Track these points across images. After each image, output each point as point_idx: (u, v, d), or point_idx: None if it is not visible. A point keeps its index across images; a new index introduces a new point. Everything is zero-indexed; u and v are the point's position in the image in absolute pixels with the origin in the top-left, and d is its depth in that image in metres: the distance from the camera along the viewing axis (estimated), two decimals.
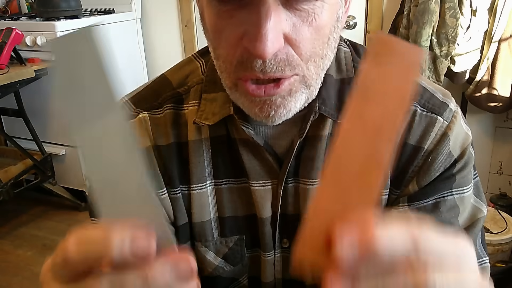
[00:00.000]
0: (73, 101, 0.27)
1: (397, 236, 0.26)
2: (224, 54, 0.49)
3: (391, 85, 0.29)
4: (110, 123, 0.27)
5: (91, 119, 0.27)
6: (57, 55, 0.27)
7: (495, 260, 1.77)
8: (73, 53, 0.27)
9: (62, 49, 0.26)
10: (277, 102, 0.49)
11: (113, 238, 0.27)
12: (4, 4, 2.89)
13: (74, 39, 0.27)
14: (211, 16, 0.49)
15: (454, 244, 0.29)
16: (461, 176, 0.57)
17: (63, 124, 2.47)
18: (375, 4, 2.15)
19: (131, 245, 0.27)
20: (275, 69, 0.47)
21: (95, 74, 0.27)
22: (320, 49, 0.49)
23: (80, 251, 0.27)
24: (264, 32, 0.43)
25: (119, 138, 0.27)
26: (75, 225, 1.27)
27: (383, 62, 0.29)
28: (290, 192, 0.60)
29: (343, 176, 0.29)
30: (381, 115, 0.28)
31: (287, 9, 0.45)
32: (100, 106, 0.27)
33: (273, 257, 0.64)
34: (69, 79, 0.27)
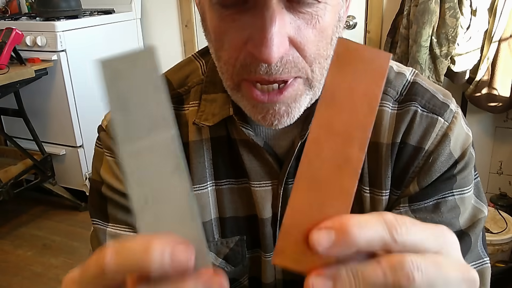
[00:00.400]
0: (124, 116, 0.27)
1: (372, 221, 0.27)
2: (226, 57, 0.49)
3: (358, 91, 0.28)
4: (159, 141, 0.28)
5: (140, 135, 0.27)
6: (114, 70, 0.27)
7: (495, 260, 1.77)
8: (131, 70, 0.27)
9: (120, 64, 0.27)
10: (281, 111, 0.49)
11: (153, 248, 0.26)
12: (4, 4, 2.89)
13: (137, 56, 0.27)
14: (213, 19, 0.48)
15: (432, 229, 0.29)
16: (462, 177, 0.57)
17: (63, 125, 2.48)
18: (375, 4, 2.15)
19: (171, 257, 0.26)
20: (280, 72, 0.47)
21: (150, 92, 0.27)
22: (324, 50, 0.49)
23: (119, 261, 0.26)
24: (270, 36, 0.43)
25: (166, 156, 0.28)
26: (75, 225, 1.27)
27: (348, 68, 0.29)
28: (290, 193, 0.60)
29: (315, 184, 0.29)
30: (349, 122, 0.28)
31: (291, 12, 0.45)
32: (151, 123, 0.27)
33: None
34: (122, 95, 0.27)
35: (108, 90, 0.27)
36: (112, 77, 0.27)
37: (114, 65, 0.27)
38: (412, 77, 0.61)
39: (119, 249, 0.27)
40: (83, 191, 2.63)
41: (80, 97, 2.45)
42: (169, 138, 0.28)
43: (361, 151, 0.28)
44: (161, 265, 0.26)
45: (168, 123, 0.28)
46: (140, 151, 0.28)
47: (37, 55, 2.32)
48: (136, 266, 0.26)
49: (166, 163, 0.28)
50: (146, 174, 0.28)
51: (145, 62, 0.27)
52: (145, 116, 0.27)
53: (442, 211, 0.56)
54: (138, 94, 0.27)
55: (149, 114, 0.27)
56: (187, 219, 0.28)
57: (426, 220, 0.56)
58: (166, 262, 0.26)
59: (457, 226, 0.57)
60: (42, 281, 2.10)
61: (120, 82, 0.27)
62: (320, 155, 0.29)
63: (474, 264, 0.58)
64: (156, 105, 0.27)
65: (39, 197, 2.79)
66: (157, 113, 0.28)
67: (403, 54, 1.94)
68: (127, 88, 0.27)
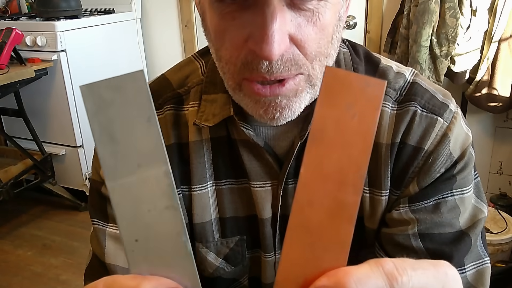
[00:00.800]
0: (111, 149, 0.25)
1: (372, 276, 0.25)
2: (227, 56, 0.49)
3: (350, 125, 0.25)
4: (150, 176, 0.26)
5: (129, 170, 0.26)
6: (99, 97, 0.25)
7: (495, 260, 1.77)
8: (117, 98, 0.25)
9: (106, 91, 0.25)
10: (282, 104, 0.49)
11: (144, 286, 0.26)
12: (4, 4, 2.89)
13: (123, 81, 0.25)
14: (213, 18, 0.48)
15: (434, 270, 0.28)
16: (462, 177, 0.57)
17: (63, 125, 2.48)
18: (375, 4, 2.15)
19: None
20: (281, 70, 0.47)
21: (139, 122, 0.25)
22: (325, 48, 0.49)
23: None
24: (271, 33, 0.43)
25: (157, 193, 0.26)
26: (75, 225, 1.27)
27: (338, 99, 0.26)
28: (290, 193, 0.60)
29: (308, 234, 0.26)
30: (341, 161, 0.26)
31: (291, 10, 0.45)
32: (140, 157, 0.26)
33: (273, 258, 0.64)
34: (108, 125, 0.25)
35: (93, 120, 0.25)
36: (97, 105, 0.25)
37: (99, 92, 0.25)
38: (412, 77, 0.61)
39: (110, 286, 0.27)
40: (83, 191, 2.63)
41: (80, 97, 2.42)
42: (161, 174, 0.26)
43: (356, 194, 0.26)
44: None
45: (160, 157, 0.26)
46: (129, 186, 0.26)
47: (37, 55, 2.32)
48: None
49: (158, 200, 0.26)
50: (136, 210, 0.26)
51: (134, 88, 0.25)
52: (134, 149, 0.25)
53: (442, 211, 0.56)
54: (126, 124, 0.25)
55: (138, 146, 0.25)
56: (179, 257, 0.27)
57: (426, 220, 0.56)
58: None
59: (457, 226, 0.57)
60: (42, 281, 2.10)
61: (105, 110, 0.25)
62: (312, 202, 0.26)
63: (474, 264, 0.58)
64: (146, 136, 0.25)
65: (39, 197, 2.79)
66: (147, 146, 0.25)
67: (403, 54, 1.94)
68: (114, 118, 0.25)
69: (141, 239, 0.26)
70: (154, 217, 0.26)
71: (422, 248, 0.56)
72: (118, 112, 0.25)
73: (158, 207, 0.26)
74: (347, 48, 0.62)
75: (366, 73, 0.61)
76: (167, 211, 0.26)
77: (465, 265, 0.57)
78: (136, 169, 0.26)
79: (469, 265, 0.58)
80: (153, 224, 0.26)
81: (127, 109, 0.25)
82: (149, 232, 0.26)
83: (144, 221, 0.26)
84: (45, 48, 2.32)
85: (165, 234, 0.26)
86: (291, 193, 0.61)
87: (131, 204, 0.26)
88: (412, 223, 0.57)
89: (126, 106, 0.25)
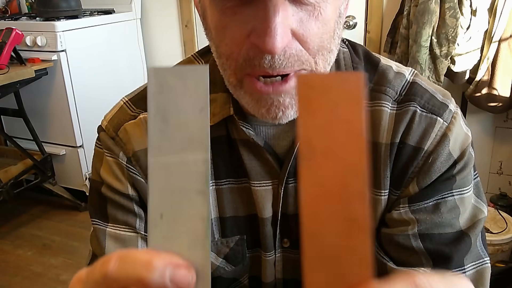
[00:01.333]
0: (162, 127, 0.27)
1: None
2: (228, 52, 0.49)
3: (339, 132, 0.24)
4: (190, 160, 0.27)
5: (173, 150, 0.27)
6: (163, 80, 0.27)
7: (495, 260, 1.77)
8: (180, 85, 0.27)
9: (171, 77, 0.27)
10: (286, 102, 0.49)
11: (156, 261, 0.26)
12: (4, 4, 2.89)
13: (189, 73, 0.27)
14: (214, 14, 0.48)
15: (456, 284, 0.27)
16: (461, 177, 0.57)
17: (63, 125, 2.48)
18: (375, 4, 2.15)
19: (173, 272, 0.26)
20: (284, 65, 0.47)
21: (193, 112, 0.27)
22: (328, 43, 0.49)
23: (121, 269, 0.27)
24: (274, 26, 0.43)
25: (193, 177, 0.27)
26: (75, 225, 1.27)
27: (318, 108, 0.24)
28: (290, 192, 0.61)
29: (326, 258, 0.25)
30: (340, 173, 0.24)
31: (293, 4, 0.46)
32: (186, 142, 0.27)
33: (273, 257, 0.64)
34: (165, 106, 0.27)
35: (151, 99, 0.27)
36: (160, 86, 0.27)
37: (164, 76, 0.27)
38: (411, 77, 0.61)
39: (123, 259, 0.27)
40: (83, 191, 2.63)
41: (80, 97, 2.45)
42: (201, 160, 0.27)
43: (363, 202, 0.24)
44: (162, 278, 0.26)
45: (203, 145, 0.27)
46: (169, 165, 0.27)
47: (37, 55, 2.32)
48: (136, 279, 0.27)
49: (192, 183, 0.27)
50: (169, 189, 0.27)
51: (195, 80, 0.27)
52: (183, 134, 0.27)
53: (442, 211, 0.56)
54: (181, 110, 0.27)
55: (187, 132, 0.27)
56: (198, 244, 0.28)
57: (426, 220, 0.56)
58: (167, 276, 0.26)
59: (457, 226, 0.57)
60: (42, 281, 2.10)
61: (166, 93, 0.27)
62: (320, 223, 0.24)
63: (474, 264, 0.58)
64: (196, 126, 0.27)
65: (39, 197, 2.79)
66: (195, 134, 0.27)
67: (403, 54, 1.94)
68: (172, 102, 0.27)
69: (166, 216, 0.28)
70: (184, 198, 0.27)
71: (422, 248, 0.56)
72: (176, 97, 0.27)
73: (190, 189, 0.27)
74: (346, 48, 0.62)
75: (365, 73, 0.61)
76: (198, 195, 0.27)
77: (465, 265, 0.57)
78: (179, 151, 0.27)
79: (469, 265, 0.58)
80: (182, 204, 0.27)
81: (185, 97, 0.27)
82: (175, 211, 0.28)
83: (174, 199, 0.27)
84: (45, 48, 2.32)
85: (190, 216, 0.28)
86: (292, 192, 0.61)
87: (166, 181, 0.27)
88: (412, 224, 0.57)
89: (184, 94, 0.27)
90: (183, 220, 0.28)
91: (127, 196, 0.60)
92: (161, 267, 0.26)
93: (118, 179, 0.60)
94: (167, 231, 0.28)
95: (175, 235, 0.28)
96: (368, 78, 0.60)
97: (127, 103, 0.63)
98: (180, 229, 0.28)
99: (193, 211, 0.27)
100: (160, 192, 0.28)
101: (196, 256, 0.28)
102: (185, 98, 0.27)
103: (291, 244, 0.64)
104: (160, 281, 0.26)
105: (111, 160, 0.61)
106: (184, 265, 0.27)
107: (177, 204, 0.27)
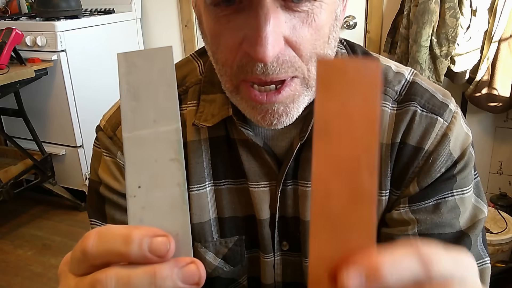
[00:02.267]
0: (133, 105, 0.29)
1: (405, 260, 0.25)
2: (223, 59, 0.49)
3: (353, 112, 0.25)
4: (163, 131, 0.29)
5: (145, 125, 0.29)
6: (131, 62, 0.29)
7: (495, 260, 1.77)
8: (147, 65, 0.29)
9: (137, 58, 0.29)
10: (280, 111, 0.49)
11: (134, 234, 0.27)
12: (4, 4, 2.89)
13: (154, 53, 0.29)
14: (208, 21, 0.48)
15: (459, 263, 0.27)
16: (462, 177, 0.57)
17: (63, 124, 2.48)
18: (375, 4, 2.15)
19: (151, 242, 0.27)
20: (277, 71, 0.46)
21: (161, 87, 0.29)
22: (321, 48, 0.49)
23: (100, 245, 0.28)
24: (264, 35, 0.43)
25: (166, 146, 0.29)
26: (75, 225, 1.27)
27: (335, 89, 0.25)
28: (289, 194, 0.60)
29: (333, 226, 0.26)
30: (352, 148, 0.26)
31: (286, 11, 0.45)
32: (157, 115, 0.29)
33: (273, 259, 0.64)
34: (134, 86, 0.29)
35: (122, 80, 0.29)
36: (128, 68, 0.29)
37: (131, 58, 0.29)
38: (411, 77, 0.60)
39: (101, 235, 0.28)
40: (83, 191, 2.63)
41: (80, 97, 2.45)
42: (173, 130, 0.29)
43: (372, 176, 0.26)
44: (140, 248, 0.27)
45: (173, 116, 0.29)
46: (142, 138, 0.29)
47: (37, 55, 2.32)
48: (115, 253, 0.28)
49: (166, 153, 0.29)
50: (145, 160, 0.29)
51: (161, 60, 0.29)
52: (153, 108, 0.29)
53: (442, 211, 0.56)
54: (150, 87, 0.29)
55: (157, 106, 0.29)
56: (176, 209, 0.29)
57: (426, 221, 0.56)
58: (145, 246, 0.27)
59: (457, 226, 0.57)
60: (42, 281, 2.10)
61: (134, 74, 0.29)
62: (329, 194, 0.26)
63: None
64: (165, 99, 0.29)
65: (39, 197, 2.79)
66: (165, 107, 0.29)
67: (403, 54, 1.94)
68: (140, 80, 0.29)
69: (143, 185, 0.29)
70: (159, 166, 0.29)
71: None
72: (144, 76, 0.29)
73: (164, 158, 0.29)
74: (344, 49, 0.62)
75: None
76: (172, 162, 0.29)
77: None
78: (152, 124, 0.29)
79: None
80: (157, 173, 0.29)
81: (152, 75, 0.29)
82: (152, 180, 0.29)
83: (150, 169, 0.29)
84: (45, 48, 2.32)
85: (166, 183, 0.29)
86: (290, 194, 0.60)
87: (141, 153, 0.29)
88: (412, 224, 0.57)
89: (152, 73, 0.29)
90: (160, 188, 0.29)
91: (125, 196, 0.60)
92: (138, 239, 0.27)
93: (116, 179, 0.60)
94: (146, 200, 0.29)
95: (153, 203, 0.29)
96: None
97: None
98: (158, 195, 0.29)
99: (169, 178, 0.29)
100: (136, 165, 0.29)
101: (175, 220, 0.29)
102: (152, 75, 0.29)
103: (291, 247, 0.63)
104: (139, 253, 0.27)
105: (109, 160, 0.60)
106: (161, 233, 0.28)
107: (153, 173, 0.29)
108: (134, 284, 0.27)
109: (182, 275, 0.27)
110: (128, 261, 0.28)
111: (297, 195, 0.60)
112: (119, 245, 0.27)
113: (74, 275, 0.30)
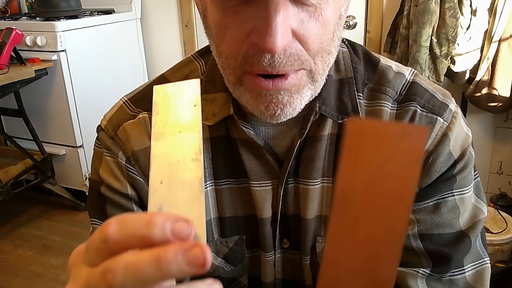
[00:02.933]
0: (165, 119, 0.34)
1: None
2: (228, 50, 0.49)
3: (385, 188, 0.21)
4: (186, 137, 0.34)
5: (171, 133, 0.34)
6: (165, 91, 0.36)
7: (495, 260, 1.77)
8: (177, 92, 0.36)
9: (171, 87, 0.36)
10: (284, 100, 0.49)
11: (156, 218, 0.28)
12: (4, 4, 2.89)
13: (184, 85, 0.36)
14: (215, 13, 0.49)
15: None
16: (462, 177, 0.57)
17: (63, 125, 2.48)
18: (375, 4, 2.15)
19: (173, 225, 0.28)
20: (284, 64, 0.47)
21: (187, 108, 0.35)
22: (327, 44, 0.49)
23: (121, 230, 0.28)
24: (274, 25, 0.44)
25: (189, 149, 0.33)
26: (75, 225, 1.27)
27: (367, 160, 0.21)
28: (290, 193, 0.60)
29: None
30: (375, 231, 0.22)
31: (294, 5, 0.46)
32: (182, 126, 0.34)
33: (273, 257, 0.64)
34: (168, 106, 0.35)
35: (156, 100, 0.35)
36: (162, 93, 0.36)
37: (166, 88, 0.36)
38: (411, 77, 0.61)
39: (122, 221, 0.29)
40: (83, 191, 2.63)
41: (80, 97, 2.45)
42: (194, 139, 0.33)
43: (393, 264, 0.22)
44: (163, 231, 0.28)
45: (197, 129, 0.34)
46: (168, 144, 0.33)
47: (37, 55, 2.32)
48: (138, 237, 0.28)
49: (187, 154, 0.33)
50: (168, 160, 0.33)
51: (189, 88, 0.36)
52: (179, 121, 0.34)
53: (442, 211, 0.56)
54: (179, 106, 0.35)
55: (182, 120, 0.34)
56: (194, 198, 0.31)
57: (426, 221, 0.56)
58: (168, 229, 0.28)
59: (457, 226, 0.57)
60: (42, 281, 2.10)
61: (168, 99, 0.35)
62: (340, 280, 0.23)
63: (473, 264, 0.58)
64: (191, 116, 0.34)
65: (39, 197, 2.78)
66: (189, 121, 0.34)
67: (403, 54, 1.94)
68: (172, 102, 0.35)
69: (165, 182, 0.32)
70: (181, 166, 0.33)
71: (422, 248, 0.56)
72: (175, 100, 0.35)
73: (186, 158, 0.33)
74: (346, 48, 0.62)
75: (365, 72, 0.61)
76: (192, 162, 0.33)
77: (464, 265, 0.57)
78: (177, 134, 0.34)
79: (468, 266, 0.58)
80: (179, 171, 0.32)
81: (182, 99, 0.35)
82: (173, 177, 0.32)
83: (172, 168, 0.33)
84: (45, 48, 2.32)
85: (186, 179, 0.32)
86: (291, 193, 0.60)
87: (166, 156, 0.33)
88: (412, 224, 0.57)
89: (182, 97, 0.35)
90: (180, 183, 0.32)
91: (126, 196, 0.60)
92: (161, 222, 0.28)
93: (117, 178, 0.60)
94: (166, 193, 0.32)
95: (173, 195, 0.32)
96: (368, 78, 0.60)
97: (126, 103, 0.63)
98: (178, 188, 0.32)
99: (189, 174, 0.32)
100: (161, 165, 0.33)
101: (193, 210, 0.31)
102: (182, 100, 0.35)
103: (291, 244, 0.63)
104: (161, 235, 0.28)
105: (110, 160, 0.61)
106: (182, 218, 0.28)
107: (175, 171, 0.32)
108: (141, 269, 0.27)
109: (187, 258, 0.28)
110: (151, 244, 0.28)
111: (298, 193, 0.60)
112: (141, 229, 0.28)
113: (88, 265, 0.30)
